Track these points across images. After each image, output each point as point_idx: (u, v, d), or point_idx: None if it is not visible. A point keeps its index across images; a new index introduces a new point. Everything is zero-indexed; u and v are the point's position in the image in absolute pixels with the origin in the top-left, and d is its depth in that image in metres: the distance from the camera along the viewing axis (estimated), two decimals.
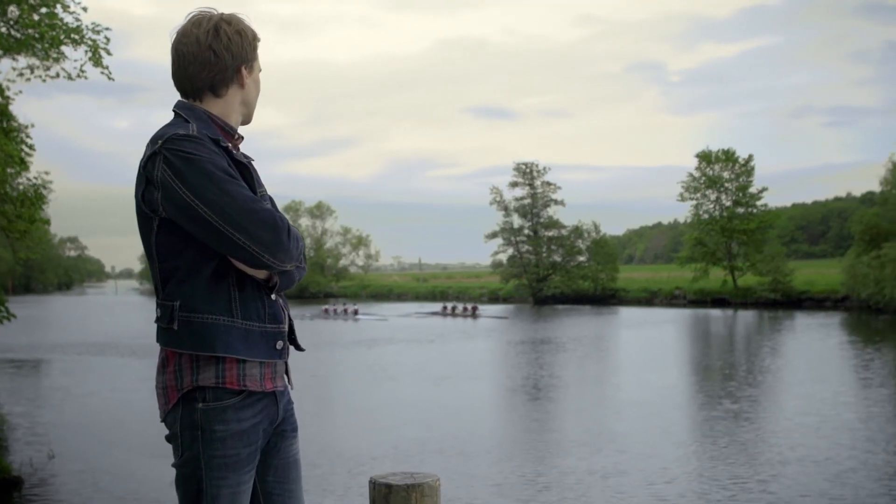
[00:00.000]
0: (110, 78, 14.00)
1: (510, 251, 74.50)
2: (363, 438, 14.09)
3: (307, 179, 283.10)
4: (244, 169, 2.50)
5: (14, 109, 14.01)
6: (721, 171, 63.54)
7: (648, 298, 65.44)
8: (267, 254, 2.36)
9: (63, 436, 14.42)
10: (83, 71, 13.89)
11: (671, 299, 63.72)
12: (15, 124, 14.01)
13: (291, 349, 2.62)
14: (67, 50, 13.80)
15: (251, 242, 2.33)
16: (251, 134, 2.65)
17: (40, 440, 14.07)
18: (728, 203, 63.38)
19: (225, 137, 2.51)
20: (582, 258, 72.11)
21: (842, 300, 51.89)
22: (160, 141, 2.38)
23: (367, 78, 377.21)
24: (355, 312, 51.68)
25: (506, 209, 74.50)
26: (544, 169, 74.32)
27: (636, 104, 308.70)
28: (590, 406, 17.68)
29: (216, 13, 2.55)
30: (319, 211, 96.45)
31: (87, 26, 13.62)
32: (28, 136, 14.37)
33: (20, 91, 14.36)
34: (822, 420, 14.88)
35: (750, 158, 63.35)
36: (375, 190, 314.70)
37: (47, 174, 15.08)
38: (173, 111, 2.54)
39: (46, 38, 13.26)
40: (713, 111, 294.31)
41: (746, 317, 47.21)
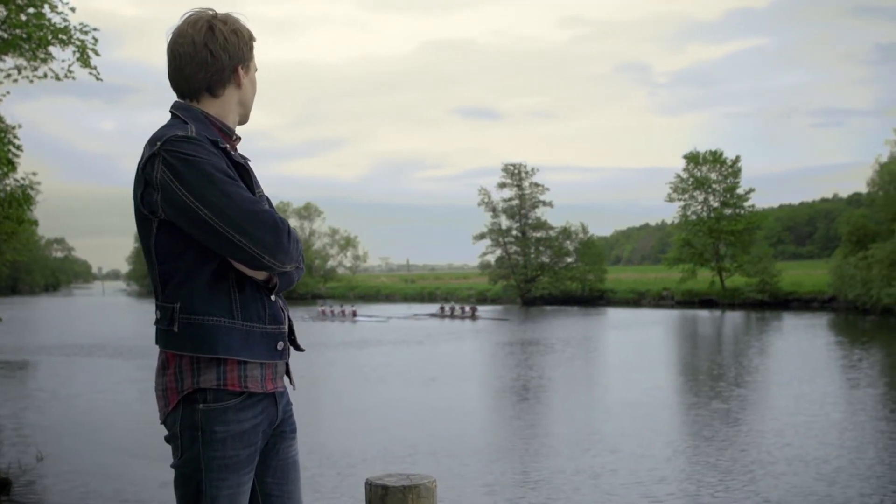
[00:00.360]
0: (98, 78, 13.95)
1: (498, 252, 74.46)
2: (353, 440, 14.06)
3: (295, 180, 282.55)
4: (242, 170, 2.49)
5: (2, 110, 13.96)
6: (709, 173, 63.64)
7: (636, 299, 65.53)
8: (267, 255, 2.35)
9: (51, 437, 14.36)
10: (71, 71, 13.83)
11: (659, 300, 63.83)
12: (2, 125, 13.93)
13: (292, 350, 2.62)
14: (55, 50, 13.74)
15: (251, 244, 2.32)
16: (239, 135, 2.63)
17: (28, 442, 14.00)
18: (716, 204, 63.49)
19: (223, 138, 2.50)
20: (570, 259, 72.12)
21: (829, 301, 52.08)
22: (159, 143, 2.37)
23: (355, 79, 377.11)
24: (353, 314, 51.03)
25: (494, 210, 74.48)
26: (532, 170, 74.35)
27: (624, 105, 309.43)
28: (579, 406, 17.70)
29: (211, 13, 2.52)
30: (307, 212, 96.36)
31: (75, 26, 13.55)
32: (16, 137, 14.30)
33: (7, 92, 14.29)
34: (811, 420, 14.94)
35: (737, 159, 63.49)
36: (363, 191, 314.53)
37: (35, 175, 15.03)
38: (170, 112, 2.53)
39: (34, 39, 13.18)
40: (700, 112, 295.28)
41: (734, 318, 47.34)
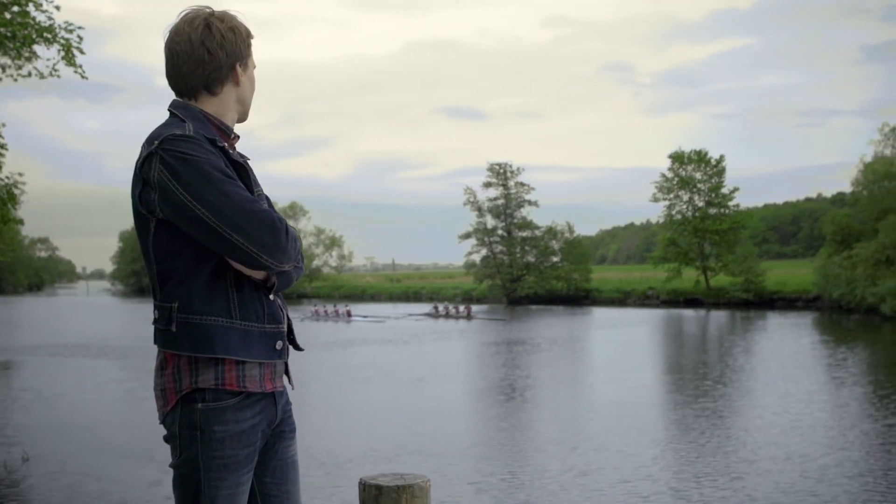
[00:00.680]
0: (84, 77, 13.90)
1: (484, 252, 74.56)
2: (341, 440, 14.03)
3: (280, 180, 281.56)
4: (241, 168, 2.48)
5: None
6: (693, 172, 63.90)
7: (622, 299, 65.70)
8: (265, 254, 2.34)
9: (36, 438, 14.25)
10: (56, 70, 13.78)
11: (644, 299, 64.02)
12: None
13: (291, 349, 2.61)
14: (40, 49, 13.69)
15: (249, 243, 2.31)
16: None
17: (12, 442, 13.90)
18: (700, 203, 63.73)
19: (221, 137, 2.49)
20: (555, 259, 72.29)
21: (813, 300, 52.35)
22: (156, 141, 2.36)
23: (339, 78, 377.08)
24: (348, 314, 50.43)
25: (479, 210, 74.58)
26: (518, 169, 74.49)
27: (608, 106, 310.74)
28: (566, 405, 17.72)
29: (208, 10, 2.50)
30: (293, 211, 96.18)
31: (60, 25, 13.51)
32: (0, 136, 14.23)
33: None
34: (796, 418, 15.01)
35: (721, 159, 63.76)
36: (348, 190, 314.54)
37: (21, 175, 14.95)
38: (168, 110, 2.51)
39: (18, 37, 13.13)
40: (685, 113, 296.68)
41: (719, 317, 47.49)
